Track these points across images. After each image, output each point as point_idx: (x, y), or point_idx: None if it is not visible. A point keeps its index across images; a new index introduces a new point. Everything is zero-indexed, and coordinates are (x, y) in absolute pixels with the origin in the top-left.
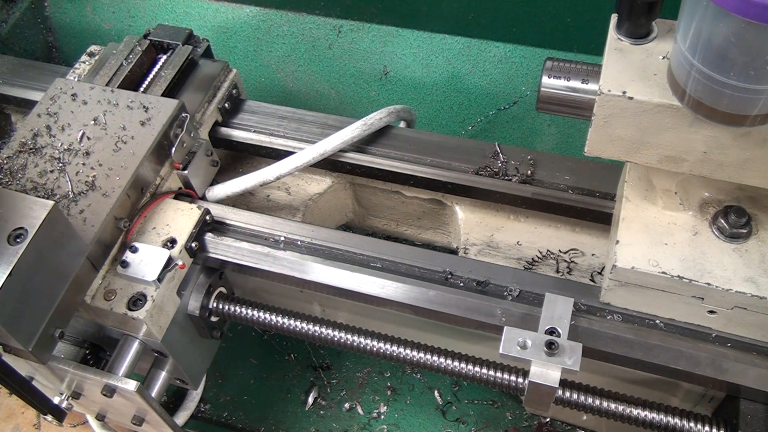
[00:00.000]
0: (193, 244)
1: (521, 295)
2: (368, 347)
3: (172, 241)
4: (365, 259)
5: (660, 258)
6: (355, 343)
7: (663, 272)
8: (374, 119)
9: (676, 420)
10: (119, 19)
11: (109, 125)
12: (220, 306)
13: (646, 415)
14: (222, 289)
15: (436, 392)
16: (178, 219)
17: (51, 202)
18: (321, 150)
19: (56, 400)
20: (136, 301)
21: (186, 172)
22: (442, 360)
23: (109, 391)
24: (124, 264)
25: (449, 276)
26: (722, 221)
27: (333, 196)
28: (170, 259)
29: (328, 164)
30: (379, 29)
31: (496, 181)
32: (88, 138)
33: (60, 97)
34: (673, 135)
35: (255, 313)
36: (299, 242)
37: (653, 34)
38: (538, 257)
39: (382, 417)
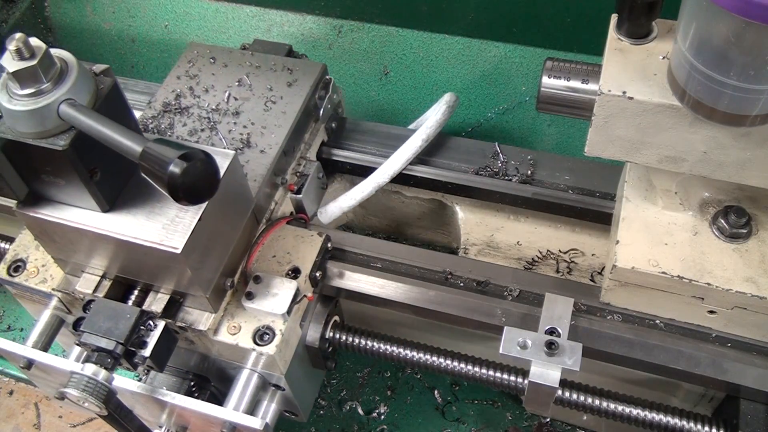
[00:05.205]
0: (317, 274)
1: (521, 295)
2: (368, 347)
3: (295, 270)
4: (365, 259)
5: (660, 258)
6: (356, 344)
7: (663, 272)
8: (440, 116)
9: (676, 420)
10: (119, 19)
11: (254, 86)
12: (336, 336)
13: (646, 415)
14: (336, 318)
15: (435, 392)
16: (299, 246)
17: (232, 152)
18: (413, 149)
19: None
20: (263, 335)
21: (300, 195)
22: (442, 360)
23: (230, 429)
24: (250, 296)
25: (449, 276)
26: (722, 221)
27: (333, 196)
28: (298, 291)
29: (329, 165)
30: (379, 29)
31: (496, 181)
32: (235, 98)
33: (198, 60)
34: (673, 135)
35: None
36: None
37: (653, 34)
38: (538, 257)
39: (382, 417)
